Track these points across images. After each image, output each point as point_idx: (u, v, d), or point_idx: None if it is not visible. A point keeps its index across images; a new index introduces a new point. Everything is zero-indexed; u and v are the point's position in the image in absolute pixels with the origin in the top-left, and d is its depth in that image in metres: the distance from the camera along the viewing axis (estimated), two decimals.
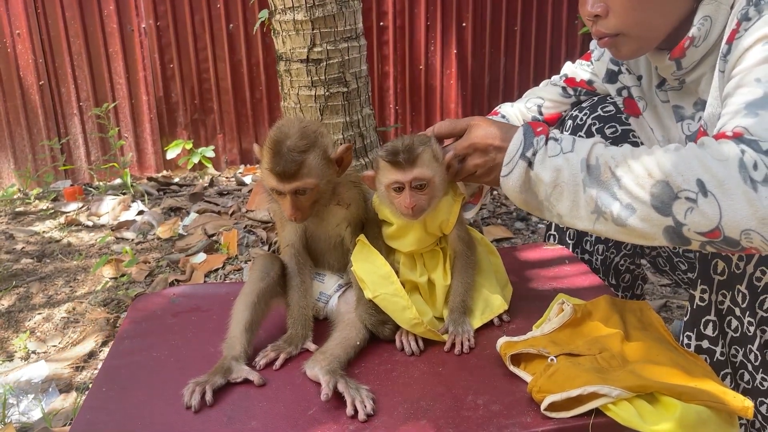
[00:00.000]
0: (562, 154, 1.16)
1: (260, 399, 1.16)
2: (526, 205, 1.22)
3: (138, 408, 1.15)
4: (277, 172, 1.24)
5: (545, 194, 1.17)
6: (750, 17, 1.15)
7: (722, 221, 1.00)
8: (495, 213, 3.39)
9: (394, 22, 4.22)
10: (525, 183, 1.19)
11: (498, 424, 1.06)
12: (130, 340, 1.39)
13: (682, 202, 1.02)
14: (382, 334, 1.32)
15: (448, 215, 1.34)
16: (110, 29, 4.04)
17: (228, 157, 4.38)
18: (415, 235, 1.34)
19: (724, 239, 1.02)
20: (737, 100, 1.09)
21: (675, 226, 1.04)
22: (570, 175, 1.13)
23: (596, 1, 1.28)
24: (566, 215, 1.16)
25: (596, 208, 1.11)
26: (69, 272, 2.87)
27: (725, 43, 1.19)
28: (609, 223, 1.10)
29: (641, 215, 1.06)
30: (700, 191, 1.01)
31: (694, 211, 1.01)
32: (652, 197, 1.04)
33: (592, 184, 1.11)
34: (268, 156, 1.25)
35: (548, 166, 1.16)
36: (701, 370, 1.12)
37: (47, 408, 1.90)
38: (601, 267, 1.80)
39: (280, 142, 1.24)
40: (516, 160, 1.19)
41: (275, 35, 2.38)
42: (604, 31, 1.31)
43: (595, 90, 1.74)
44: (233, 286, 1.62)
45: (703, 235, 1.03)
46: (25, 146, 4.15)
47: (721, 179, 0.99)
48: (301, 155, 1.24)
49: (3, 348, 2.28)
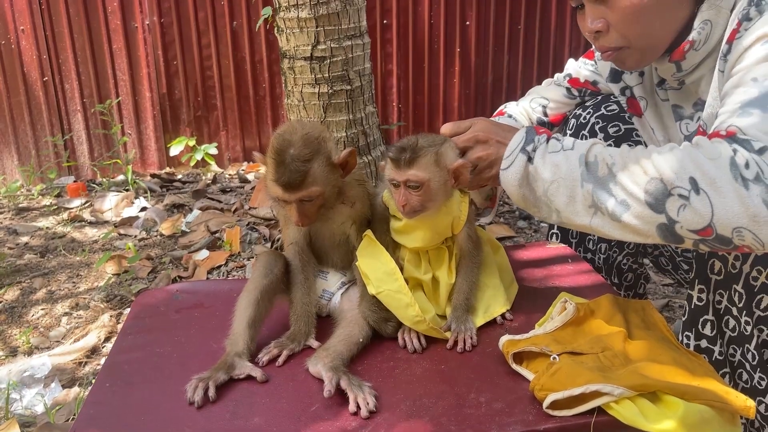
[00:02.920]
0: (562, 151, 1.18)
1: (263, 395, 1.16)
2: (525, 201, 1.23)
3: (141, 403, 1.15)
4: (282, 183, 1.23)
5: (543, 189, 1.18)
6: (751, 17, 1.15)
7: (714, 219, 1.01)
8: (498, 212, 3.39)
9: (398, 20, 4.21)
10: (524, 177, 1.20)
11: (500, 422, 1.06)
12: (134, 335, 1.39)
13: (675, 200, 1.04)
14: (385, 332, 1.32)
15: (459, 213, 1.34)
16: (114, 26, 4.05)
17: (231, 155, 4.38)
18: (423, 232, 1.35)
19: (716, 237, 1.03)
20: (734, 99, 1.10)
21: (668, 223, 1.05)
22: (568, 170, 1.15)
23: (595, 18, 1.29)
24: (563, 210, 1.17)
25: (593, 203, 1.12)
26: (72, 268, 2.87)
27: (725, 42, 1.19)
28: (605, 218, 1.12)
29: (635, 212, 1.08)
30: (692, 189, 1.02)
31: (686, 208, 1.03)
32: (647, 194, 1.06)
33: (589, 179, 1.13)
34: (271, 166, 1.25)
35: (548, 162, 1.17)
36: (703, 369, 1.12)
37: (50, 402, 1.91)
38: (603, 266, 1.80)
39: (283, 151, 1.23)
40: (516, 153, 1.21)
41: (279, 33, 2.39)
42: (607, 45, 1.32)
43: (600, 90, 1.74)
44: (236, 283, 1.62)
45: (695, 233, 1.04)
46: (29, 142, 4.16)
47: (712, 177, 1.01)
48: (305, 164, 1.23)
49: (6, 343, 2.29)
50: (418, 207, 1.26)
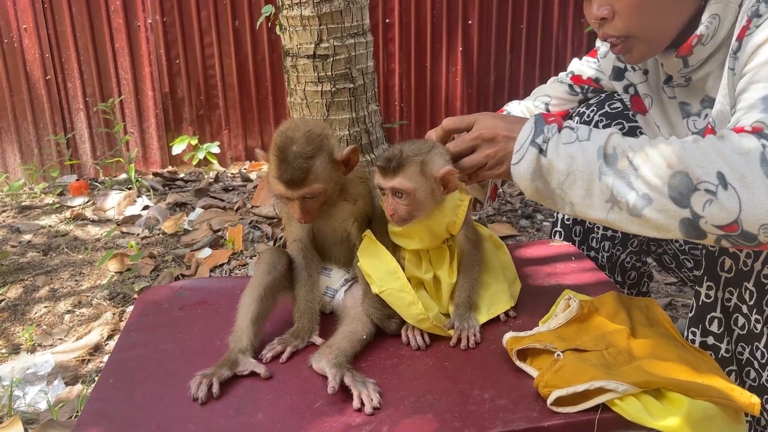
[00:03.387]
0: (578, 141, 1.14)
1: (267, 392, 1.16)
2: (538, 194, 1.19)
3: (145, 400, 1.15)
4: (285, 180, 1.23)
5: (558, 182, 1.15)
6: (761, 14, 1.14)
7: (741, 215, 0.99)
8: (500, 211, 3.39)
9: (400, 19, 4.21)
10: (536, 170, 1.16)
11: (504, 419, 1.06)
12: (138, 332, 1.39)
13: (701, 194, 1.01)
14: (389, 329, 1.32)
15: (453, 217, 1.34)
16: (117, 24, 4.05)
17: (233, 153, 4.38)
18: (420, 235, 1.35)
19: (741, 233, 1.01)
20: (752, 95, 1.08)
21: (692, 218, 1.03)
22: (585, 163, 1.11)
23: (601, 4, 1.28)
24: (579, 204, 1.14)
25: (611, 197, 1.09)
26: (75, 266, 2.88)
27: (735, 39, 1.18)
28: (623, 213, 1.09)
29: (658, 206, 1.05)
30: (720, 184, 1.00)
31: (713, 203, 1.00)
32: (670, 188, 1.03)
33: (608, 172, 1.09)
34: (274, 163, 1.24)
35: (563, 154, 1.13)
36: (708, 366, 1.11)
37: (53, 400, 1.91)
38: (607, 264, 1.80)
39: (285, 148, 1.23)
40: (526, 146, 1.17)
41: (282, 31, 2.39)
42: (611, 33, 1.31)
43: (602, 88, 1.73)
44: (240, 280, 1.62)
45: (720, 228, 1.02)
46: (32, 141, 4.17)
47: (742, 172, 0.99)
48: (308, 161, 1.23)
49: (9, 340, 2.29)
50: (406, 216, 1.26)
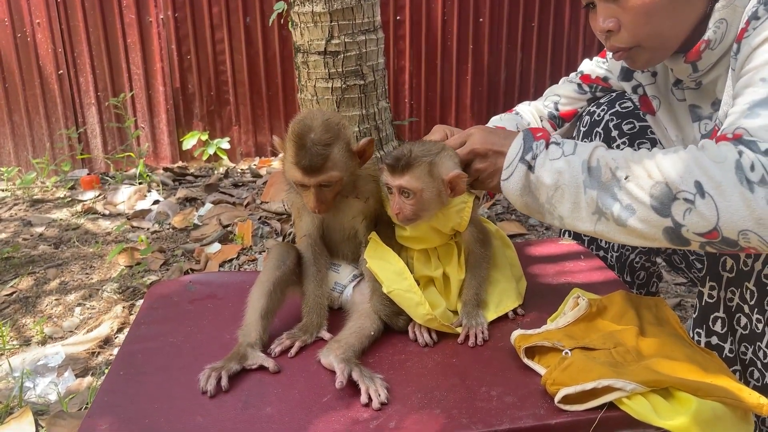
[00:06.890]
0: (563, 157, 1.17)
1: (275, 386, 1.17)
2: (528, 209, 1.24)
3: (154, 392, 1.17)
4: (303, 166, 1.23)
5: (546, 197, 1.18)
6: (759, 16, 1.14)
7: (720, 222, 1.01)
8: (509, 209, 3.38)
9: (411, 16, 4.21)
10: (525, 186, 1.20)
11: (511, 416, 1.06)
12: (147, 325, 1.41)
13: (681, 203, 1.04)
14: (396, 325, 1.33)
15: (458, 219, 1.34)
16: (129, 20, 4.07)
17: (243, 149, 4.39)
18: (427, 236, 1.36)
19: (722, 240, 1.03)
20: (743, 100, 1.10)
21: (674, 226, 1.05)
22: (571, 177, 1.14)
23: (607, 17, 1.28)
24: (567, 217, 1.17)
25: (597, 209, 1.12)
26: (85, 259, 2.90)
27: (735, 41, 1.18)
28: (610, 224, 1.12)
29: (641, 216, 1.08)
30: (698, 192, 1.02)
31: (692, 212, 1.03)
32: (652, 198, 1.06)
33: (593, 185, 1.13)
34: (292, 150, 1.25)
35: (550, 169, 1.17)
36: (716, 366, 1.11)
37: (63, 391, 1.93)
38: (616, 264, 1.80)
39: (304, 135, 1.23)
40: (516, 163, 1.21)
41: (293, 27, 2.39)
42: (618, 45, 1.31)
43: (611, 87, 1.73)
44: (249, 275, 1.63)
45: (701, 236, 1.04)
46: (44, 135, 4.20)
47: (718, 181, 1.01)
48: (326, 148, 1.23)
49: (20, 332, 2.32)
50: (411, 216, 1.27)
